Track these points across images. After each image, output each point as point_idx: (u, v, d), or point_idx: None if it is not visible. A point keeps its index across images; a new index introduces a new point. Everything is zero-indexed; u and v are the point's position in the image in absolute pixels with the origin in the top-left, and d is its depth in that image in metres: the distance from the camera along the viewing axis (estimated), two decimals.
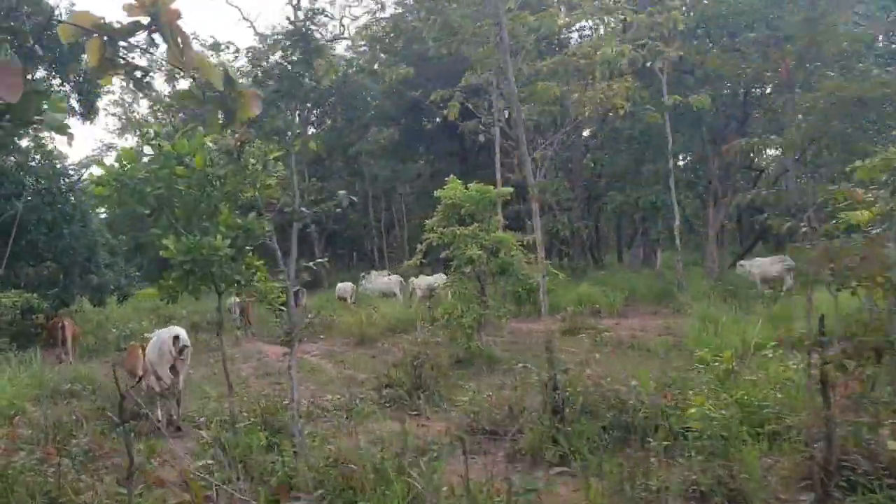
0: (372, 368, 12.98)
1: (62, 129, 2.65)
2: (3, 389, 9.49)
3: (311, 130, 34.65)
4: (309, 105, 32.43)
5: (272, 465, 5.43)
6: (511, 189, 14.18)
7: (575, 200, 25.95)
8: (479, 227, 12.03)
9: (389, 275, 24.50)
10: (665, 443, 5.43)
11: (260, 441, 6.12)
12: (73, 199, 17.83)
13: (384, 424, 6.99)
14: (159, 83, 39.99)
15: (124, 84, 61.63)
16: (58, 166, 18.60)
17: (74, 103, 20.48)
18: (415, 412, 8.22)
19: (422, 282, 21.75)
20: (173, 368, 8.32)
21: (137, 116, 51.63)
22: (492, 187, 12.56)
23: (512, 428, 6.12)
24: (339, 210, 7.33)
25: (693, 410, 5.70)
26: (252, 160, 5.69)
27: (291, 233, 5.99)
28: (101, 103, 22.06)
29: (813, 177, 19.87)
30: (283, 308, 6.41)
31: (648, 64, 18.49)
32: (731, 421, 5.56)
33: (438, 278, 21.75)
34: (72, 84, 20.15)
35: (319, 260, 6.76)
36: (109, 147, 53.41)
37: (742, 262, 18.82)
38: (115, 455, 6.31)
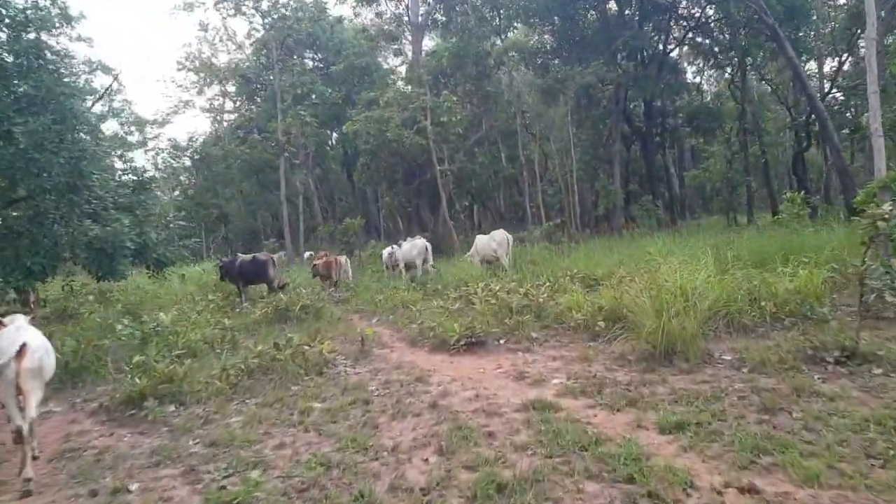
0: None
1: None
2: None
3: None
4: None
5: None
6: None
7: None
8: None
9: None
10: None
11: None
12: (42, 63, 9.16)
13: None
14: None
15: (202, 34, 54.39)
16: None
17: None
18: None
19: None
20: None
21: (218, 69, 44.28)
22: None
23: None
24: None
25: None
26: None
27: None
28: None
29: None
30: None
31: None
32: None
33: (497, 235, 15.09)
34: None
35: None
36: (187, 104, 46.58)
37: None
38: None
